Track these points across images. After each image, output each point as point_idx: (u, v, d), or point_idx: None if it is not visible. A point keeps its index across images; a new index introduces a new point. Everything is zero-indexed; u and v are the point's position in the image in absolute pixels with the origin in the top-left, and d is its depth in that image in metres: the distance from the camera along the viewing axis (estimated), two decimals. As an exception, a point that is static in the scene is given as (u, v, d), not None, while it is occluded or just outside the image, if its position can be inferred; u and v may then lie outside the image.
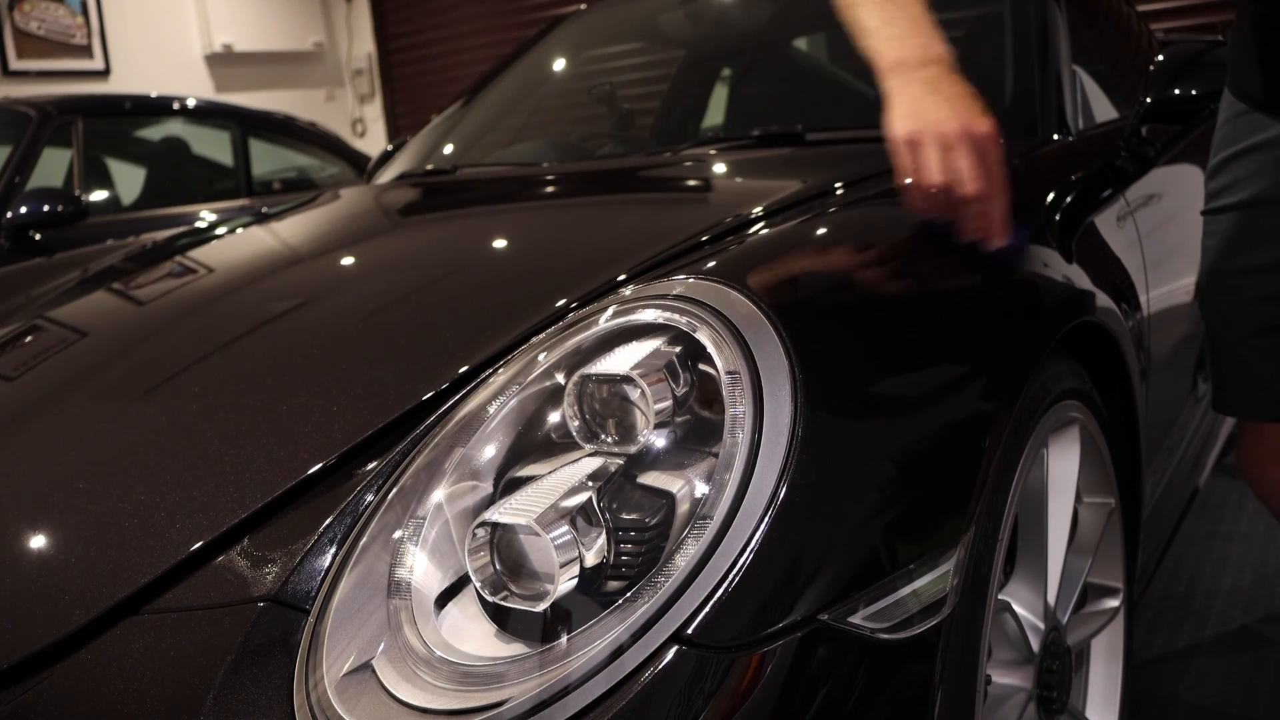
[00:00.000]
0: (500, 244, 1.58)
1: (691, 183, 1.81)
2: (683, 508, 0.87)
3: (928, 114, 1.11)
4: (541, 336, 1.07)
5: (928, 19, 1.16)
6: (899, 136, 1.13)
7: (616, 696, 0.77)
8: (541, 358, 1.01)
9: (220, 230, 1.97)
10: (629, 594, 0.82)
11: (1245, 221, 1.44)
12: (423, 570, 0.91)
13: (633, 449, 0.92)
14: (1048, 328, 1.21)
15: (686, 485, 0.88)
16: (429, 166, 2.27)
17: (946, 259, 1.23)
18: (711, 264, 1.06)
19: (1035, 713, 1.24)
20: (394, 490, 0.95)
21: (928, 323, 1.09)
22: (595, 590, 0.85)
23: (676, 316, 0.97)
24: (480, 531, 0.87)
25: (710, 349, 0.93)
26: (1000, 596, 1.19)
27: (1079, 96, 1.87)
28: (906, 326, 1.06)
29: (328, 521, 0.95)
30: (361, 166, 4.77)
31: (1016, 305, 1.21)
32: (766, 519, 0.84)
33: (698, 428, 0.92)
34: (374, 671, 0.85)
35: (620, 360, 0.95)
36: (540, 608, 0.85)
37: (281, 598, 0.90)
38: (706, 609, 0.80)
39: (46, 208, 3.67)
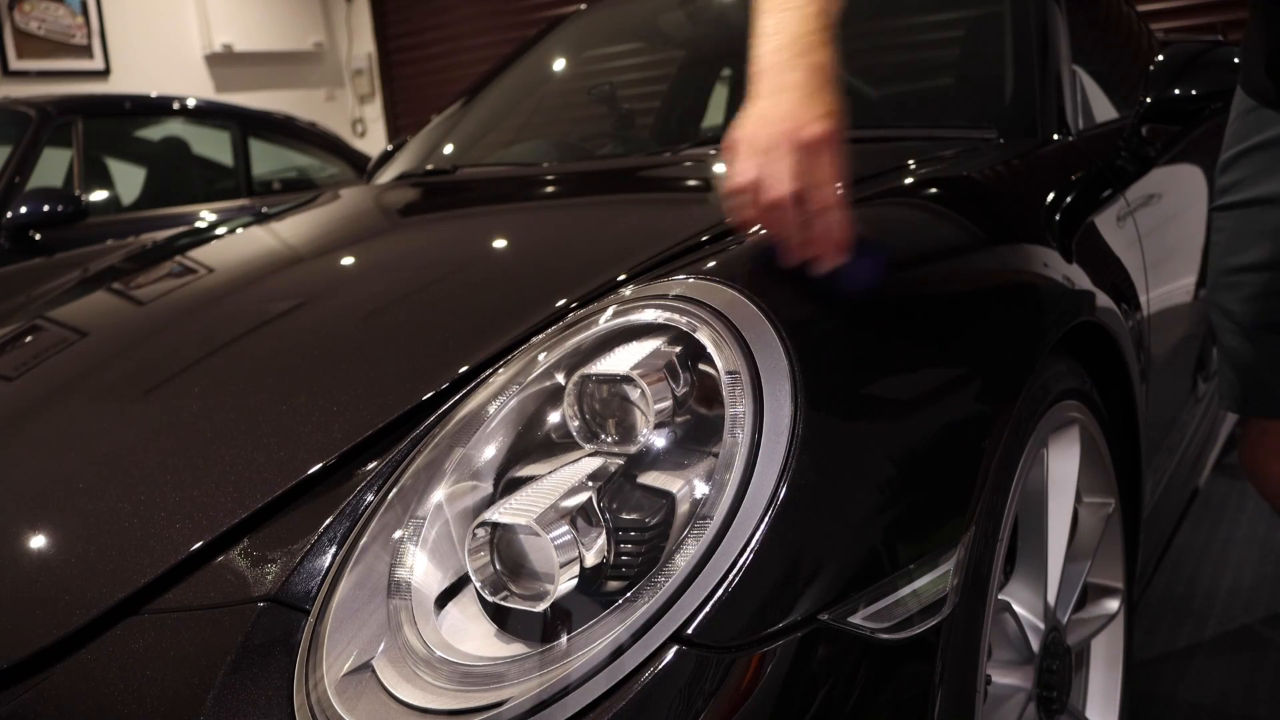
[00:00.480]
0: (500, 244, 1.58)
1: (691, 183, 1.81)
2: (683, 508, 0.87)
3: (766, 116, 1.02)
4: (541, 336, 1.07)
5: (819, 35, 1.06)
6: (732, 140, 1.04)
7: (616, 696, 0.77)
8: (541, 358, 1.01)
9: (220, 230, 1.97)
10: (629, 594, 0.82)
11: (1251, 218, 1.45)
12: (423, 570, 0.91)
13: (633, 449, 0.92)
14: (1048, 328, 1.21)
15: (686, 485, 0.88)
16: (429, 166, 2.27)
17: (947, 259, 1.23)
18: (711, 264, 1.06)
19: (1035, 713, 1.24)
20: (394, 490, 0.95)
21: (928, 322, 1.09)
22: (595, 590, 0.85)
23: (676, 316, 0.97)
24: (480, 531, 0.87)
25: (710, 349, 0.93)
26: (1000, 596, 1.19)
27: (1079, 96, 1.87)
28: (907, 326, 1.06)
29: (328, 521, 0.95)
30: (361, 166, 4.77)
31: (1016, 305, 1.21)
32: (766, 519, 0.83)
33: (698, 427, 0.92)
34: (374, 671, 0.85)
35: (620, 360, 0.95)
36: (540, 608, 0.85)
37: (281, 598, 0.90)
38: (706, 609, 0.80)
39: (46, 208, 3.67)
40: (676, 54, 2.69)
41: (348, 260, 1.62)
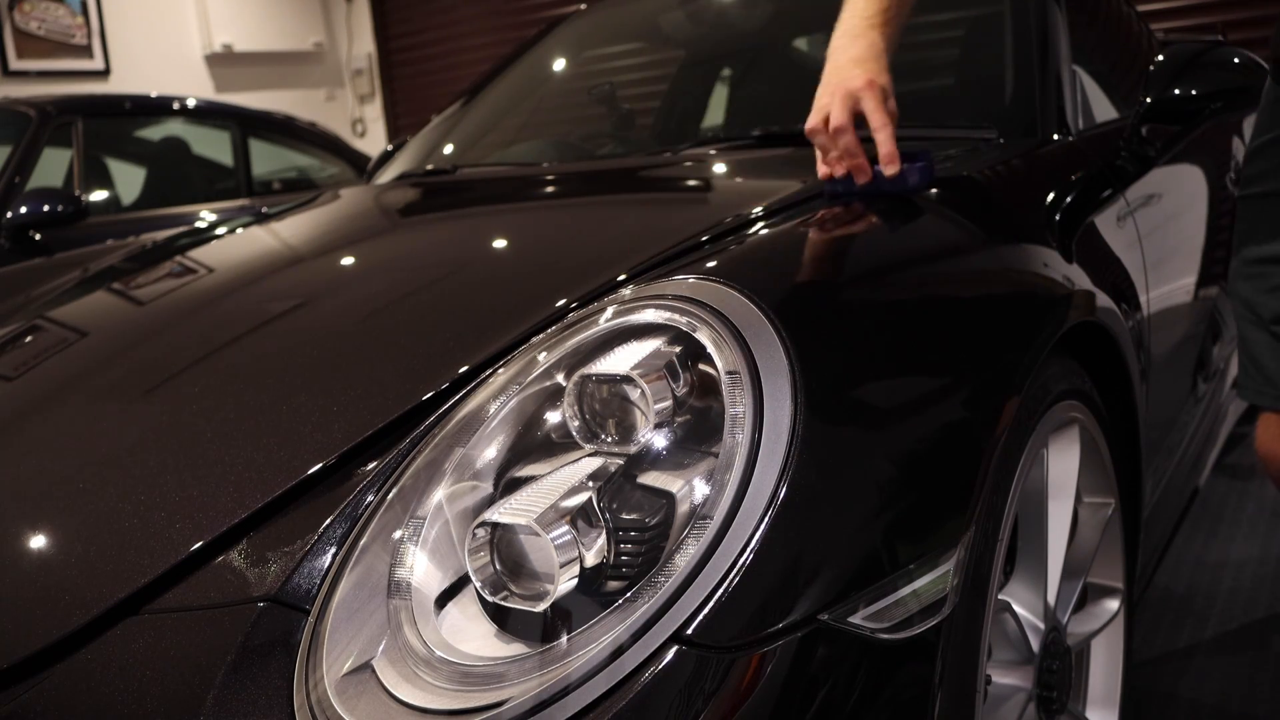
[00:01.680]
0: (500, 244, 1.58)
1: (691, 183, 1.81)
2: (683, 508, 0.87)
3: (826, 81, 1.39)
4: (541, 336, 1.07)
5: (871, 19, 1.41)
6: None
7: (616, 696, 0.77)
8: (541, 358, 1.01)
9: (220, 230, 1.97)
10: (629, 594, 0.82)
11: (1274, 209, 1.44)
12: (423, 570, 0.91)
13: (633, 449, 0.92)
14: (1048, 328, 1.21)
15: (686, 485, 0.88)
16: (429, 166, 2.27)
17: (947, 259, 1.23)
18: (711, 264, 1.06)
19: (1035, 713, 1.24)
20: (394, 490, 0.95)
21: (928, 322, 1.09)
22: (595, 590, 0.85)
23: (676, 316, 0.97)
24: (480, 531, 0.87)
25: (710, 349, 0.93)
26: (1000, 596, 1.19)
27: (1079, 96, 1.87)
28: (907, 326, 1.06)
29: (328, 521, 0.95)
30: (361, 166, 4.77)
31: (1016, 305, 1.21)
32: (766, 519, 0.84)
33: (698, 428, 0.92)
34: (374, 671, 0.85)
35: (620, 360, 0.95)
36: (540, 608, 0.85)
37: (281, 598, 0.90)
38: (706, 609, 0.80)
39: (46, 208, 3.67)
40: (676, 54, 2.69)
41: (348, 260, 1.62)
